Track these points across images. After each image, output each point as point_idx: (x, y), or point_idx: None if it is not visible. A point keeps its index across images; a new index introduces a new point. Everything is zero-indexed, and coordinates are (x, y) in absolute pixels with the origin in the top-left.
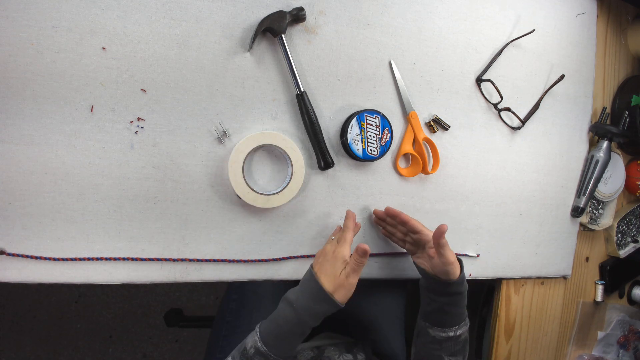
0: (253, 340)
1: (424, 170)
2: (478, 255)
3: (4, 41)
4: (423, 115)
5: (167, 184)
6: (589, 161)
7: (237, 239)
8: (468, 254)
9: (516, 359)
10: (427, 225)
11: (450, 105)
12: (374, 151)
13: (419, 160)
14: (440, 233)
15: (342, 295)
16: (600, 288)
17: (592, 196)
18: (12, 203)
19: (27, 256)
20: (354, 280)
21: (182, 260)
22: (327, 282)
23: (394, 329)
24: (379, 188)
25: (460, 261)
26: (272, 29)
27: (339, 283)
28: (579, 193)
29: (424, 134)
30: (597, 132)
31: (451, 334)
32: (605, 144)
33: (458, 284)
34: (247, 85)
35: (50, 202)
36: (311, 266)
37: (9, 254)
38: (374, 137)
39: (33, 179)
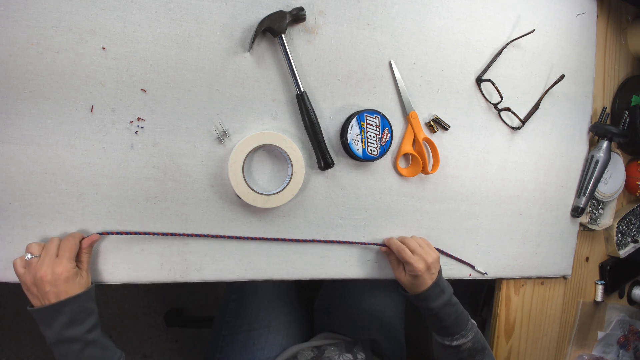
0: None
1: (424, 170)
2: (486, 273)
3: (4, 41)
4: (423, 115)
5: (167, 184)
6: (589, 161)
7: (237, 239)
8: (476, 268)
9: (516, 359)
10: (427, 226)
11: (450, 105)
12: (374, 151)
13: (419, 160)
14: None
15: (67, 290)
16: (600, 288)
17: (592, 196)
18: (12, 203)
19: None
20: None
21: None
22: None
23: (394, 329)
24: (379, 188)
25: (439, 281)
26: (272, 29)
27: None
28: (579, 193)
29: (424, 134)
30: (597, 132)
31: (447, 342)
32: (605, 144)
33: (419, 299)
34: (247, 85)
35: (50, 202)
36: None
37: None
38: (374, 137)
39: (33, 179)
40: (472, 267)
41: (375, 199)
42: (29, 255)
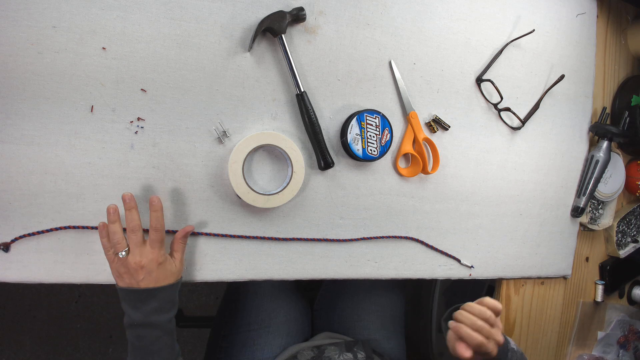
0: None
1: (424, 170)
2: (472, 266)
3: (4, 41)
4: (423, 115)
5: (167, 184)
6: (589, 161)
7: (237, 239)
8: (462, 262)
9: None
10: (427, 226)
11: (450, 105)
12: (374, 151)
13: (419, 160)
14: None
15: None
16: (600, 288)
17: (592, 196)
18: (12, 203)
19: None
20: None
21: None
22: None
23: (394, 329)
24: (379, 188)
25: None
26: (272, 29)
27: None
28: (579, 193)
29: (424, 134)
30: (597, 132)
31: None
32: (605, 144)
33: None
34: (247, 85)
35: (50, 202)
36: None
37: (12, 241)
38: (374, 137)
39: (33, 179)
40: (458, 260)
41: (375, 199)
42: (123, 253)
